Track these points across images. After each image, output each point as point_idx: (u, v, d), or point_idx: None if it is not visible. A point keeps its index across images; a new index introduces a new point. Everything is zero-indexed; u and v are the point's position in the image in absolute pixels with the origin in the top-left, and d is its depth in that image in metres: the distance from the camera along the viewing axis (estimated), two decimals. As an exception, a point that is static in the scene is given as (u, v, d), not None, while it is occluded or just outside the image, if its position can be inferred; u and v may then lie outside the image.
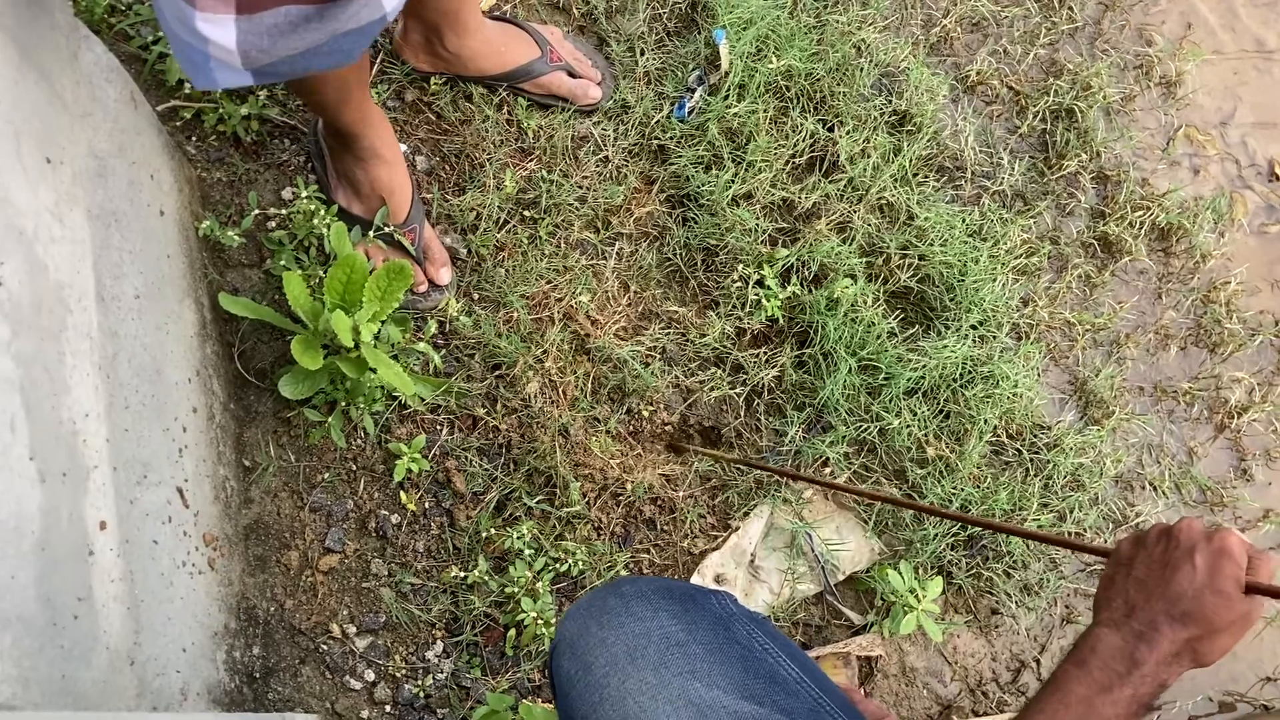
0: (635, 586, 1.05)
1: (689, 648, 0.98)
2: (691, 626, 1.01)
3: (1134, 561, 0.89)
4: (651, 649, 0.97)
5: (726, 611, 1.06)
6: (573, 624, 1.03)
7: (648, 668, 0.95)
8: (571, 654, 1.00)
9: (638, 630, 0.99)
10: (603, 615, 1.02)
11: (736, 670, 0.98)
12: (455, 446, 1.64)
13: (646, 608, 1.02)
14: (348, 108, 1.46)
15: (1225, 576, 0.83)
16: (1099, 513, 1.75)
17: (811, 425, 1.74)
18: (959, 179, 1.89)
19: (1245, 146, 2.01)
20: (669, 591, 1.05)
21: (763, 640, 1.04)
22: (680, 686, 0.94)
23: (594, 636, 1.00)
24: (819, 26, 1.89)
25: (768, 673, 1.00)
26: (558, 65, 1.77)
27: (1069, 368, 1.85)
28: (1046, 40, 1.99)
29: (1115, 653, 0.83)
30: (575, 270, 1.73)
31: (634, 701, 0.93)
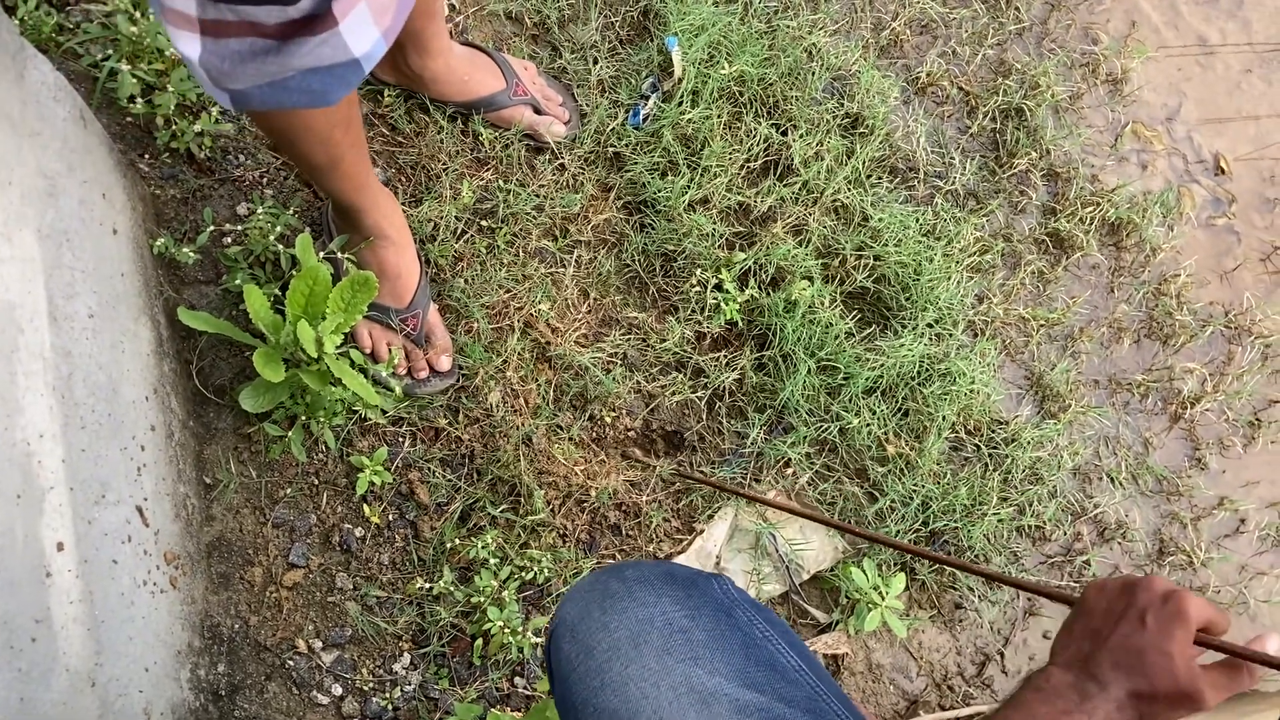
0: (638, 571, 1.05)
1: (692, 634, 0.98)
2: (694, 613, 1.00)
3: (1093, 612, 0.89)
4: (655, 635, 0.96)
5: (729, 598, 1.06)
6: (574, 607, 1.02)
7: (651, 654, 0.95)
8: (572, 637, 0.99)
9: (641, 615, 0.98)
10: (605, 599, 1.01)
11: (738, 658, 0.98)
12: (418, 458, 1.64)
13: (650, 593, 1.01)
14: (339, 174, 1.43)
15: (1171, 637, 0.83)
16: (1058, 505, 1.78)
17: (773, 426, 1.76)
18: (912, 179, 1.91)
19: (1191, 141, 2.05)
20: (672, 576, 1.05)
21: (764, 627, 1.04)
22: (683, 673, 0.94)
23: (596, 620, 0.99)
24: (770, 32, 1.91)
25: (768, 661, 1.00)
26: (522, 99, 1.77)
27: (1024, 363, 1.87)
28: (994, 41, 2.02)
29: (1068, 686, 0.84)
30: (534, 278, 1.74)
31: (636, 687, 0.93)
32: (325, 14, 1.03)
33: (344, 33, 1.06)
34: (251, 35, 1.04)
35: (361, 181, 1.49)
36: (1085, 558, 1.77)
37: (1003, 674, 1.74)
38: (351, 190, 1.49)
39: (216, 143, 1.67)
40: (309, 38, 1.06)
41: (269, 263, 1.62)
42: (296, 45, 1.06)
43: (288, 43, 1.06)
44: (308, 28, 1.04)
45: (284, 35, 1.05)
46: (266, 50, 1.06)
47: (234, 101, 1.12)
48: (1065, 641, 0.89)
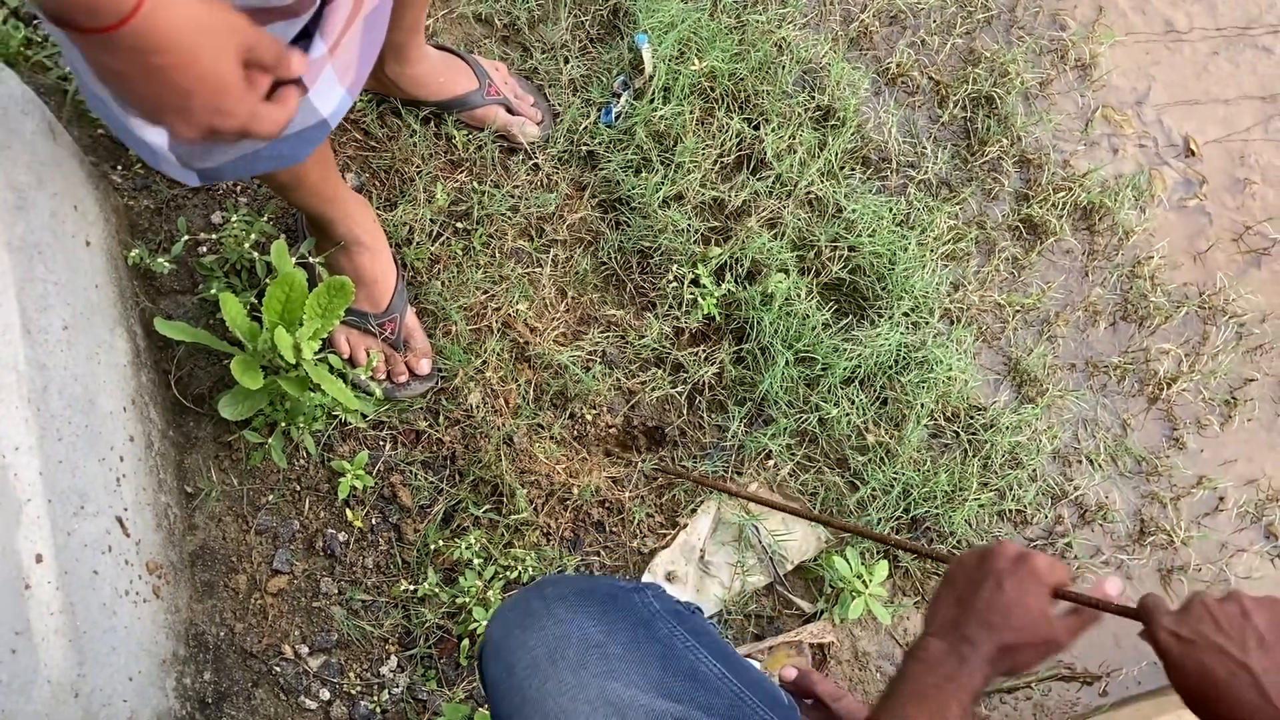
0: (558, 589, 1.08)
1: (607, 649, 1.01)
2: (611, 628, 1.04)
3: (956, 579, 0.97)
4: (571, 651, 1.00)
5: (649, 611, 1.10)
6: (498, 627, 1.06)
7: (567, 669, 0.98)
8: (496, 657, 1.03)
9: (558, 633, 1.02)
10: (525, 618, 1.04)
11: (655, 669, 1.01)
12: (399, 461, 1.64)
13: (566, 610, 1.05)
14: (305, 190, 1.44)
15: (1026, 590, 0.92)
16: (1038, 488, 1.79)
17: (753, 419, 1.77)
18: (885, 170, 1.92)
19: (1161, 125, 2.07)
20: (591, 593, 1.09)
21: (684, 637, 1.08)
22: (599, 687, 0.97)
23: (516, 639, 1.02)
24: (740, 27, 1.92)
25: (688, 670, 1.03)
26: (495, 99, 1.78)
27: (1001, 349, 1.88)
28: (963, 30, 2.03)
29: (944, 652, 0.92)
30: (511, 279, 1.74)
31: (554, 703, 0.96)
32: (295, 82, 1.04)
33: (313, 98, 1.07)
34: None
35: (330, 194, 1.50)
36: (1066, 540, 1.79)
37: (988, 658, 1.74)
38: (320, 203, 1.50)
39: (189, 152, 1.67)
40: None
41: (245, 270, 1.62)
42: None
43: None
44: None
45: None
46: None
47: (203, 177, 1.12)
48: (935, 611, 0.97)
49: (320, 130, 1.12)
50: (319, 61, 1.04)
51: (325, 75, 1.06)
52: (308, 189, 1.45)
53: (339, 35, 1.04)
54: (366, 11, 1.07)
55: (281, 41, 0.85)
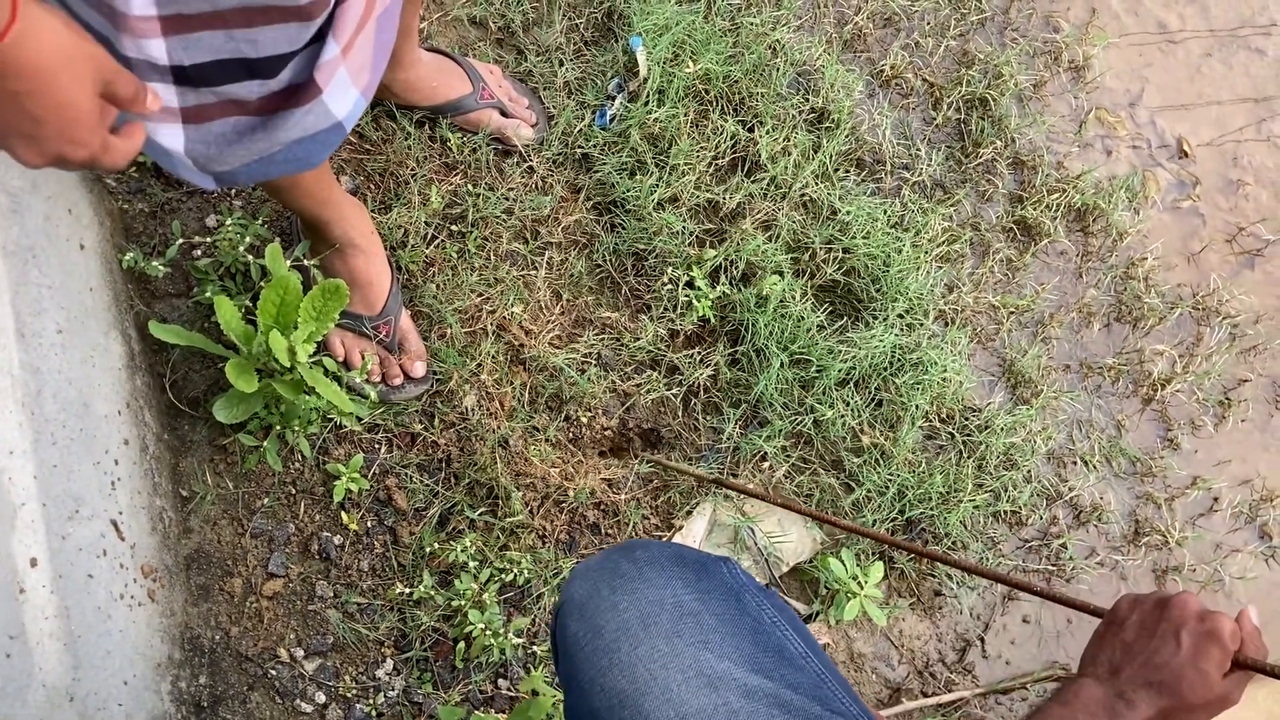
0: (648, 552, 1.05)
1: (702, 618, 0.98)
2: (704, 596, 1.00)
3: (1126, 624, 0.92)
4: (665, 617, 0.96)
5: (738, 582, 1.06)
6: (582, 585, 1.02)
7: (660, 636, 0.95)
8: (580, 616, 0.99)
9: (652, 597, 0.98)
10: (615, 579, 1.00)
11: (747, 643, 0.98)
12: (394, 464, 1.64)
13: (660, 574, 1.01)
14: (299, 192, 1.45)
15: (1208, 658, 0.86)
16: (1033, 489, 1.80)
17: (748, 421, 1.77)
18: (879, 172, 1.93)
19: (1154, 126, 2.07)
20: (682, 558, 1.05)
21: (771, 613, 1.05)
22: (693, 656, 0.94)
23: (605, 600, 0.98)
24: (734, 29, 1.92)
25: (776, 647, 1.00)
26: (489, 103, 1.78)
27: (996, 350, 1.89)
28: (957, 32, 2.04)
29: (1097, 703, 0.86)
30: (506, 281, 1.74)
31: (645, 669, 0.93)
32: (308, 83, 1.03)
33: (327, 100, 1.07)
34: (235, 114, 1.04)
35: (324, 197, 1.50)
36: (1061, 541, 1.79)
37: (983, 659, 1.75)
38: (315, 206, 1.50)
39: (183, 156, 1.67)
40: (294, 109, 1.06)
41: (239, 274, 1.62)
42: (282, 119, 1.06)
43: (273, 117, 1.05)
44: (292, 99, 1.04)
45: (268, 110, 1.05)
46: (252, 128, 1.06)
47: (219, 181, 1.11)
48: (1095, 654, 0.92)
49: (336, 134, 1.13)
50: (332, 63, 1.04)
51: (339, 78, 1.06)
52: (304, 191, 1.45)
53: (351, 37, 1.04)
54: (378, 12, 1.07)
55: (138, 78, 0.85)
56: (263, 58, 0.98)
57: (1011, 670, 1.76)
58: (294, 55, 1.01)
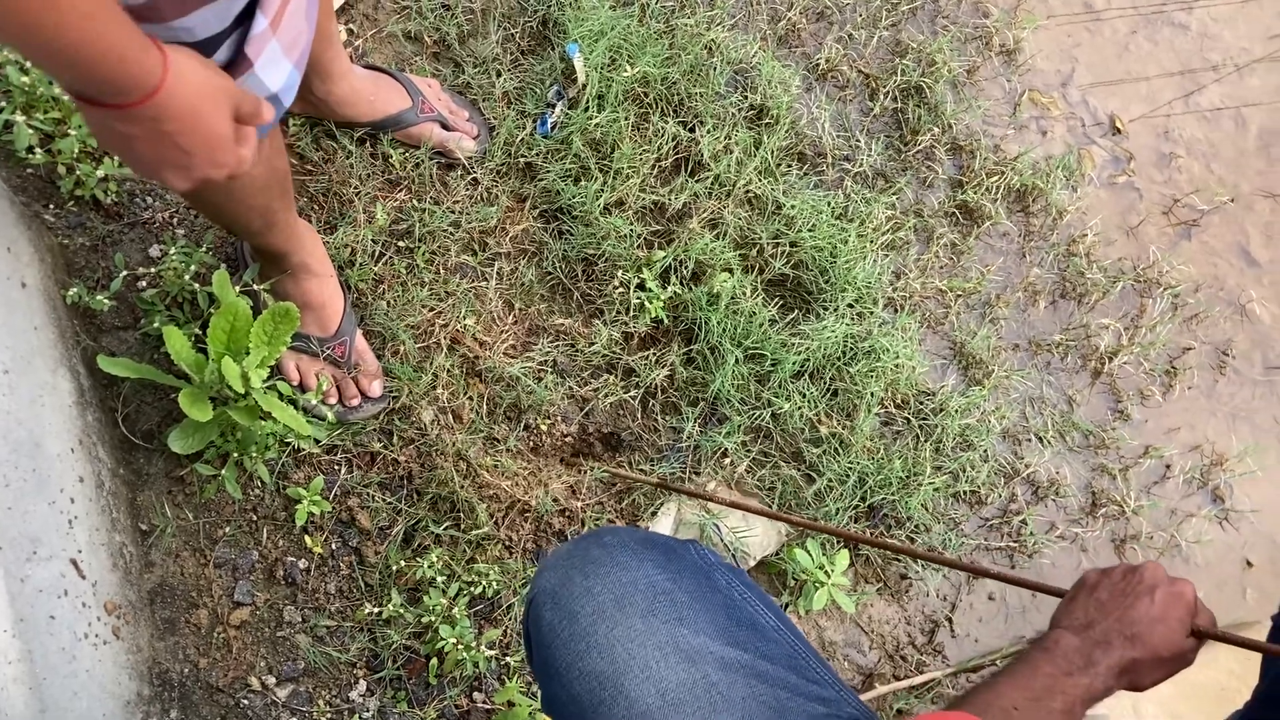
0: (617, 536, 1.07)
1: (675, 596, 1.00)
2: (676, 576, 1.03)
3: (1099, 587, 0.99)
4: (639, 597, 0.99)
5: (707, 561, 1.09)
6: (553, 575, 1.03)
7: (635, 615, 0.97)
8: (554, 604, 1.01)
9: (624, 579, 1.00)
10: (586, 565, 1.02)
11: (721, 617, 1.01)
12: (356, 484, 1.64)
13: (631, 557, 1.03)
14: (275, 231, 1.48)
15: (1177, 616, 0.94)
16: (990, 468, 1.82)
17: (707, 419, 1.78)
18: (821, 164, 1.95)
19: (1086, 104, 2.11)
20: (651, 541, 1.08)
21: (742, 590, 1.08)
22: (669, 633, 0.96)
23: (578, 586, 1.00)
24: (669, 31, 1.93)
25: (749, 621, 1.03)
26: (429, 116, 1.78)
27: (946, 334, 1.91)
28: (889, 22, 2.06)
29: (1074, 650, 0.92)
30: (457, 294, 1.74)
31: (623, 648, 0.95)
32: (240, 58, 1.05)
33: (259, 71, 1.08)
34: None
35: (290, 230, 1.51)
36: (1021, 517, 1.82)
37: (952, 638, 1.77)
38: (281, 240, 1.51)
39: (122, 186, 1.65)
40: None
41: (186, 303, 1.61)
42: None
43: None
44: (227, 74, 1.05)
45: None
46: None
47: None
48: (1069, 610, 0.98)
49: (274, 106, 1.13)
50: (262, 36, 1.05)
51: (270, 50, 1.07)
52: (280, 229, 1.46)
53: (279, 10, 1.05)
54: None
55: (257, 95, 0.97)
56: (198, 41, 0.99)
57: (980, 648, 1.79)
58: (227, 33, 1.02)
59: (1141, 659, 0.91)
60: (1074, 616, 0.95)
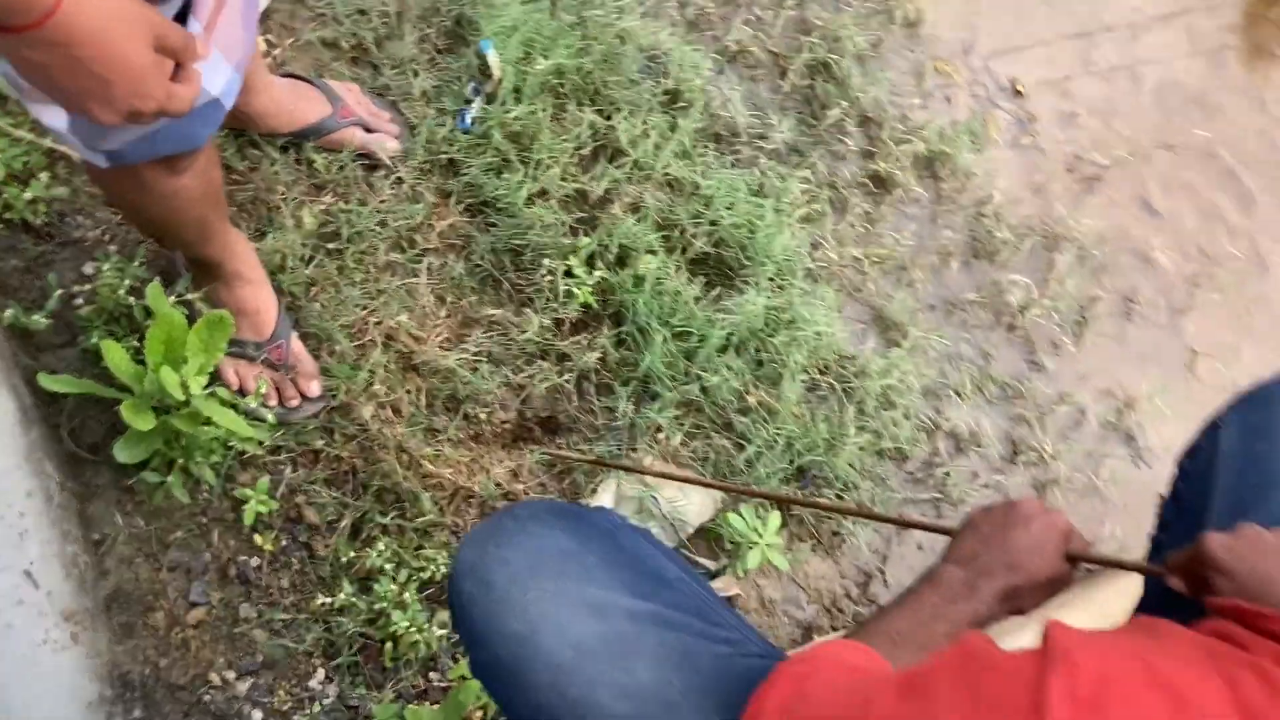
0: (528, 509, 1.15)
1: (583, 557, 1.08)
2: (584, 539, 1.10)
3: (981, 524, 1.07)
4: (549, 562, 1.06)
5: (613, 524, 1.18)
6: (471, 549, 1.10)
7: (546, 578, 1.04)
8: (472, 576, 1.07)
9: (535, 546, 1.07)
10: (499, 536, 1.09)
11: (627, 573, 1.08)
12: (301, 482, 1.69)
13: (541, 526, 1.11)
14: (211, 242, 1.53)
15: (1051, 542, 1.03)
16: (912, 425, 1.91)
17: (640, 397, 1.85)
18: (735, 144, 2.02)
19: (988, 70, 2.19)
20: (561, 510, 1.17)
21: (648, 548, 1.16)
22: (578, 592, 1.04)
23: (493, 556, 1.07)
24: (580, 23, 1.99)
25: (655, 574, 1.11)
26: (350, 120, 1.82)
27: (864, 299, 1.99)
28: (794, 2, 2.13)
29: (959, 581, 1.00)
30: (389, 292, 1.80)
31: (536, 609, 1.02)
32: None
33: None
34: None
35: (224, 239, 1.56)
36: (945, 470, 1.91)
37: (885, 588, 1.86)
38: (216, 250, 1.56)
39: (51, 207, 1.69)
40: None
41: (124, 317, 1.65)
42: None
43: None
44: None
45: None
46: None
47: (110, 159, 1.17)
48: (957, 547, 1.06)
49: (215, 110, 1.19)
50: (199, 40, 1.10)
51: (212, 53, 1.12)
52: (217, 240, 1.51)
53: (213, 15, 1.09)
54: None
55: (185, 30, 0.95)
56: None
57: (914, 596, 1.87)
58: None
59: (1022, 585, 0.99)
60: (960, 551, 1.03)
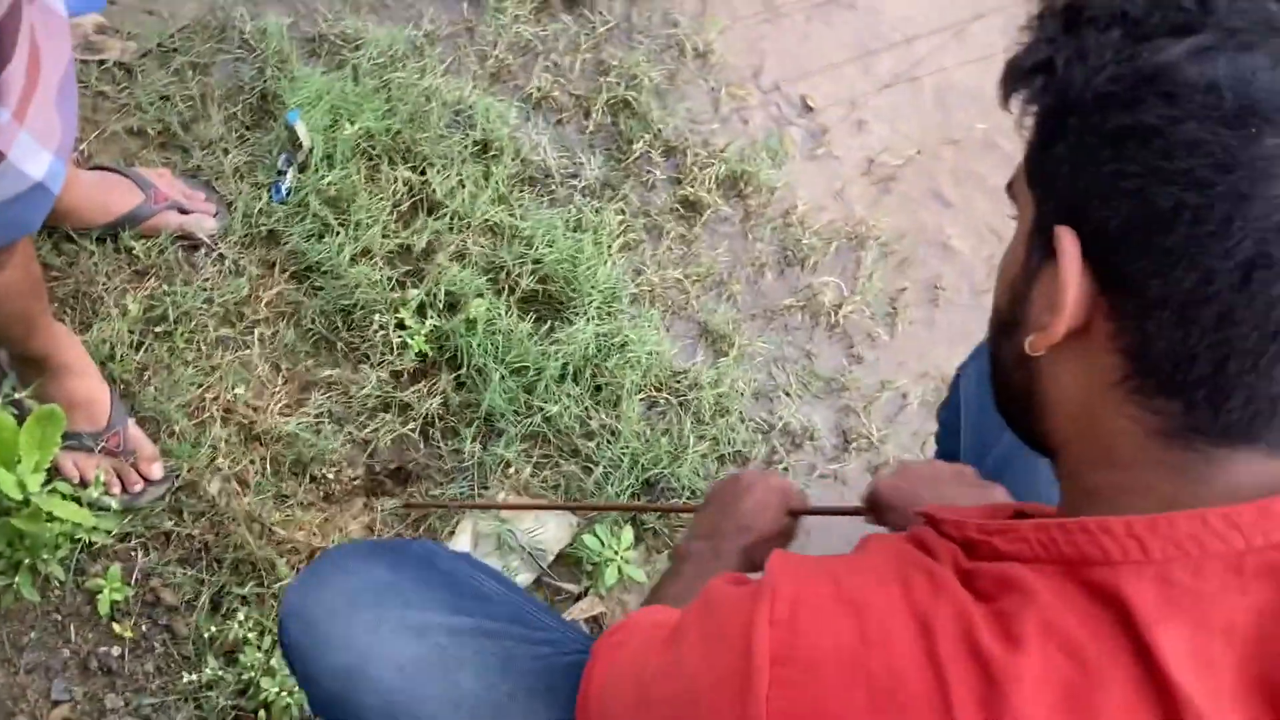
0: (343, 550, 1.22)
1: (399, 585, 1.13)
2: (400, 569, 1.16)
3: (714, 498, 1.22)
4: (367, 594, 1.11)
5: (429, 551, 1.24)
6: (294, 596, 1.14)
7: (366, 609, 1.09)
8: (296, 620, 1.12)
9: (352, 583, 1.13)
10: (318, 580, 1.14)
11: (445, 594, 1.14)
12: (154, 565, 1.69)
13: (358, 563, 1.16)
14: (36, 336, 1.54)
15: (774, 503, 1.19)
16: (748, 428, 2.01)
17: (485, 436, 1.91)
18: (550, 184, 2.11)
19: (779, 90, 2.34)
20: (377, 547, 1.23)
21: (466, 569, 1.22)
22: (398, 617, 1.09)
23: (313, 598, 1.12)
24: (384, 86, 2.06)
25: (472, 592, 1.17)
26: (165, 205, 1.85)
27: (690, 316, 2.10)
28: (589, 45, 2.24)
29: (704, 551, 1.15)
30: (223, 367, 1.82)
31: (360, 640, 1.07)
32: None
33: (16, 162, 1.15)
34: None
35: (49, 333, 1.56)
36: (784, 465, 2.01)
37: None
38: (41, 344, 1.56)
39: None
40: None
41: (-51, 425, 1.63)
42: None
43: None
44: None
45: None
46: None
47: None
48: (698, 522, 1.21)
49: (41, 194, 1.21)
50: (8, 128, 1.12)
51: (21, 141, 1.14)
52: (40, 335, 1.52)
53: (21, 103, 1.12)
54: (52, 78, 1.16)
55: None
56: None
57: (771, 589, 1.97)
58: None
59: (753, 542, 1.14)
60: (701, 526, 1.18)
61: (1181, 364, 0.60)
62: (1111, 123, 0.59)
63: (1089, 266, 0.62)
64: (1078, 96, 0.61)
